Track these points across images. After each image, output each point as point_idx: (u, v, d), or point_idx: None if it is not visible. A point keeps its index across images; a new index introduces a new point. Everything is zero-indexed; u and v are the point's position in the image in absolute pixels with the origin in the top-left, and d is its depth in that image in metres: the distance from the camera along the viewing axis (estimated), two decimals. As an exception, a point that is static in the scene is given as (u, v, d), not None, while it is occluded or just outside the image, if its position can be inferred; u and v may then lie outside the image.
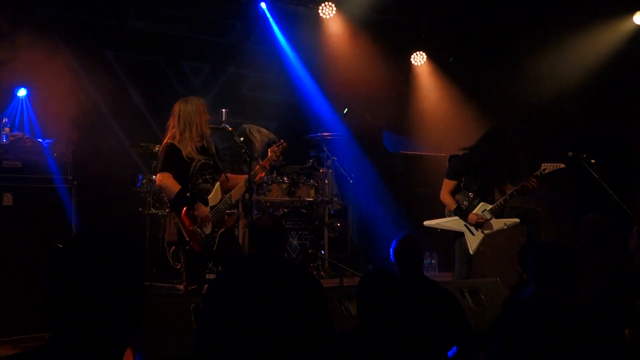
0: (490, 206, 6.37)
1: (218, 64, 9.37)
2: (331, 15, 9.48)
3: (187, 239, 5.46)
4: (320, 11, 9.46)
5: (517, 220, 6.38)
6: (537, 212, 6.44)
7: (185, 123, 5.55)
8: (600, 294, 4.35)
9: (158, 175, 5.54)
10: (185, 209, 5.44)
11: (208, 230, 5.52)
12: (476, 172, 6.41)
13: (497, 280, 6.05)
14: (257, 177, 5.95)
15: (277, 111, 9.82)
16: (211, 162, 5.72)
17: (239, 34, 9.48)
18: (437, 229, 6.60)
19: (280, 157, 6.30)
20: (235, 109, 7.91)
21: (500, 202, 6.37)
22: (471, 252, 6.36)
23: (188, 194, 5.46)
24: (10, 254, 6.11)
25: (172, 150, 5.52)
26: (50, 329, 1.70)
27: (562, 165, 6.46)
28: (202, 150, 5.66)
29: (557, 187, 9.18)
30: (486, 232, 6.36)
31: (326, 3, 9.42)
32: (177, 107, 5.63)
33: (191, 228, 5.45)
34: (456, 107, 10.14)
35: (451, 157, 6.62)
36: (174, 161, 5.50)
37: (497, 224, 6.38)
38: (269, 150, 6.18)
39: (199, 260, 5.62)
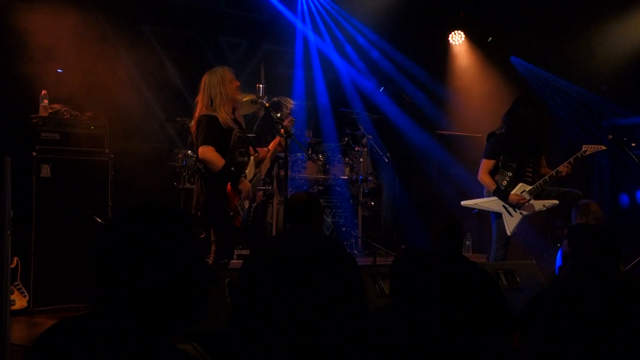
0: (530, 187, 6.26)
1: (254, 40, 9.33)
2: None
3: (232, 214, 5.38)
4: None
5: (556, 201, 6.26)
6: (575, 194, 6.30)
7: (211, 95, 5.42)
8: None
9: (201, 148, 5.35)
10: (230, 183, 5.37)
11: (246, 205, 5.50)
12: (514, 150, 6.29)
13: (533, 263, 5.96)
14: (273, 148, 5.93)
15: (313, 88, 9.77)
16: (243, 135, 5.68)
17: (275, 10, 9.42)
18: (474, 209, 6.52)
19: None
20: (270, 85, 7.87)
21: (539, 183, 6.26)
22: (509, 233, 6.27)
23: (232, 168, 5.40)
24: (47, 225, 6.18)
25: (211, 121, 5.38)
26: (93, 300, 1.68)
27: (603, 147, 6.33)
28: (235, 122, 5.59)
29: (595, 172, 9.04)
30: (525, 213, 6.26)
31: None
32: (203, 80, 5.51)
33: (236, 203, 5.40)
34: (493, 88, 10.00)
35: (490, 134, 6.49)
36: (214, 133, 5.36)
37: (536, 205, 6.27)
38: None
39: (234, 234, 5.61)
